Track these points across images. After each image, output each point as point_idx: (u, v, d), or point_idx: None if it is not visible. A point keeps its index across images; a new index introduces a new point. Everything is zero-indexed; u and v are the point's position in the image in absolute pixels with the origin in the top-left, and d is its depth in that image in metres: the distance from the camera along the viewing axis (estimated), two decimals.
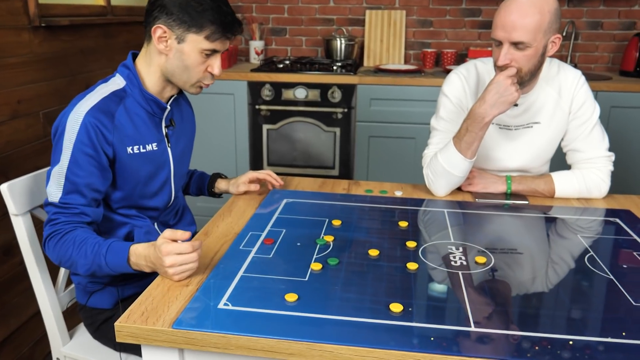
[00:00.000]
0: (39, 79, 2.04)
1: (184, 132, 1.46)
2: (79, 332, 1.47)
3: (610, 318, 0.98)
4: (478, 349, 0.88)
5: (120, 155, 1.26)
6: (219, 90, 2.91)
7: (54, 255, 1.20)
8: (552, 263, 1.20)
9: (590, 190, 1.58)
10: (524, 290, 1.08)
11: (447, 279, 1.11)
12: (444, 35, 3.28)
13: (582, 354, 0.87)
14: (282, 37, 3.42)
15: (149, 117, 1.32)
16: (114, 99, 1.26)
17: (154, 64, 1.29)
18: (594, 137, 1.59)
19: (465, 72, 1.63)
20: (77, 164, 1.20)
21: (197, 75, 1.30)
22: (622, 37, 3.13)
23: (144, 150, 1.30)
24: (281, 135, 2.97)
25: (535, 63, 1.46)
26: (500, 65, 1.45)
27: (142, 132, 1.30)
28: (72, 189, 1.20)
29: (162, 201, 1.40)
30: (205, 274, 1.12)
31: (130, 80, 1.30)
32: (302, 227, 1.35)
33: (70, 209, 1.20)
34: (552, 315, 0.99)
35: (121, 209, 1.33)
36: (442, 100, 1.65)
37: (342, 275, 1.12)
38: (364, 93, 2.84)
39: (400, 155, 2.91)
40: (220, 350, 0.92)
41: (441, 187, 1.57)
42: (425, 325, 0.94)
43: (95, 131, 1.20)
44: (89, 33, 2.36)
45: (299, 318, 0.96)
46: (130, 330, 0.95)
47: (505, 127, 1.62)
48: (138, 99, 1.30)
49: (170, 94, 1.36)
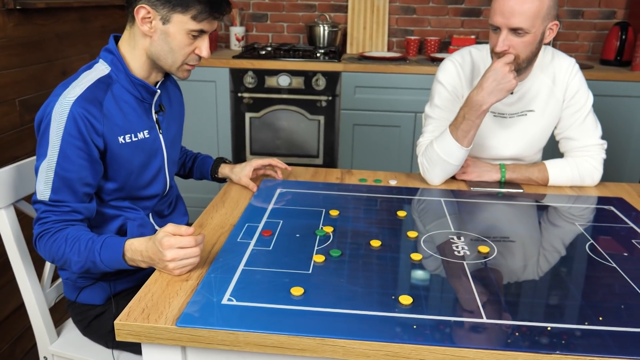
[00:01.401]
0: (13, 64, 1.95)
1: (174, 117, 1.40)
2: (67, 329, 1.41)
3: (616, 306, 0.98)
4: (493, 339, 0.87)
5: (112, 146, 1.20)
6: (200, 78, 2.84)
7: (45, 254, 1.14)
8: (551, 252, 1.20)
9: (584, 178, 1.58)
10: (526, 279, 1.07)
11: (452, 270, 1.10)
12: (427, 22, 3.26)
13: (594, 342, 0.87)
14: (263, 23, 3.35)
15: (138, 104, 1.26)
16: (101, 86, 1.19)
17: (138, 47, 1.23)
18: (587, 125, 1.59)
19: (460, 59, 1.61)
20: (67, 158, 1.13)
21: (183, 57, 1.23)
22: (603, 26, 3.16)
23: (136, 139, 1.24)
24: (264, 124, 2.92)
25: (532, 50, 1.44)
26: (498, 52, 1.43)
27: (132, 120, 1.24)
28: (62, 185, 1.13)
29: (157, 190, 1.34)
30: (205, 268, 1.07)
31: (115, 65, 1.23)
32: (299, 218, 1.32)
33: (60, 207, 1.14)
34: (573, 306, 0.98)
35: (114, 201, 1.27)
36: (436, 88, 1.63)
37: (346, 267, 1.09)
38: (349, 81, 2.80)
39: (384, 143, 2.89)
40: (228, 347, 0.89)
41: (436, 176, 1.55)
42: (438, 318, 0.92)
43: (84, 122, 1.13)
44: (65, 17, 2.27)
45: (307, 312, 0.93)
46: (131, 328, 0.90)
47: (500, 115, 1.61)
48: (125, 85, 1.23)
49: (157, 79, 1.30)
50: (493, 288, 1.03)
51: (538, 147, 1.67)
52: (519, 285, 1.05)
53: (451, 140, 1.48)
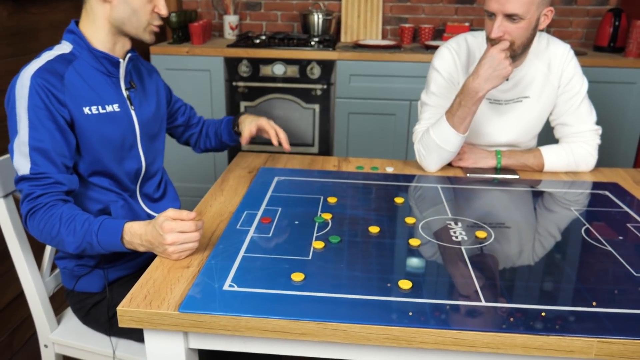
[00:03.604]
0: (7, 54, 1.93)
1: (149, 95, 1.40)
2: (66, 318, 1.42)
3: (614, 290, 1.00)
4: (491, 322, 0.88)
5: (77, 117, 1.20)
6: (194, 67, 2.83)
7: (36, 232, 1.14)
8: (548, 237, 1.21)
9: (579, 163, 1.59)
10: (524, 264, 1.09)
11: (450, 255, 1.11)
12: (421, 10, 3.25)
13: (589, 324, 0.88)
14: (256, 12, 3.34)
15: (105, 78, 1.27)
16: (62, 61, 1.21)
17: (98, 18, 1.24)
18: (582, 111, 1.61)
19: (456, 46, 1.62)
20: (36, 129, 1.13)
21: (146, 17, 1.25)
22: (596, 13, 3.16)
23: (104, 111, 1.25)
24: (259, 113, 2.91)
25: (528, 36, 1.45)
26: (493, 38, 1.44)
27: (100, 92, 1.25)
28: (39, 156, 1.13)
29: (132, 166, 1.33)
30: (205, 254, 1.08)
31: (76, 43, 1.24)
32: (297, 205, 1.33)
33: (43, 179, 1.13)
34: (568, 289, 1.00)
35: (92, 177, 1.26)
36: (432, 75, 1.63)
37: (346, 253, 1.10)
38: (344, 69, 2.80)
39: (380, 131, 2.89)
40: (230, 332, 0.90)
41: (433, 163, 1.56)
42: (437, 301, 0.94)
43: (44, 92, 1.14)
44: (59, 6, 2.25)
45: (308, 297, 0.94)
46: (133, 314, 0.91)
47: (495, 101, 1.62)
48: (88, 60, 1.24)
49: (124, 49, 1.31)
50: (490, 272, 1.04)
51: (533, 134, 1.68)
52: (515, 269, 1.07)
53: (447, 127, 1.49)
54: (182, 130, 1.62)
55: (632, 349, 0.86)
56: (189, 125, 1.61)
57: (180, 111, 1.59)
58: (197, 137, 1.63)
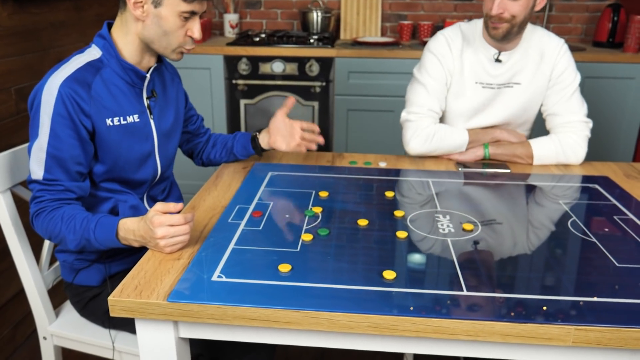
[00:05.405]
0: (9, 53, 1.97)
1: (169, 104, 1.42)
2: (65, 310, 1.45)
3: (595, 280, 1.01)
4: (471, 311, 0.90)
5: (100, 128, 1.23)
6: (194, 65, 2.86)
7: (42, 232, 1.19)
8: (534, 229, 1.23)
9: (567, 153, 1.61)
10: (508, 254, 1.10)
11: (436, 246, 1.13)
12: (420, 7, 3.27)
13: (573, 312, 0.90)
14: (256, 10, 3.36)
15: (129, 88, 1.29)
16: (90, 69, 1.22)
17: (130, 33, 1.25)
18: (573, 103, 1.63)
19: (452, 34, 1.68)
20: (57, 137, 1.16)
21: (178, 41, 1.26)
22: (595, 8, 3.17)
23: (125, 122, 1.27)
24: (259, 110, 2.94)
25: (526, 15, 1.51)
26: (493, 15, 1.48)
27: (122, 103, 1.27)
28: (54, 164, 1.17)
29: (146, 175, 1.37)
30: (196, 247, 1.11)
31: (106, 50, 1.26)
32: (289, 200, 1.35)
33: (54, 186, 1.17)
34: (553, 279, 1.02)
35: (104, 183, 1.30)
36: (426, 55, 1.70)
37: (333, 245, 1.12)
38: (342, 66, 2.82)
39: (379, 128, 2.91)
40: (217, 321, 0.92)
41: (420, 151, 1.64)
42: (419, 291, 0.96)
43: (71, 103, 1.17)
44: (59, 6, 2.28)
45: (294, 288, 0.97)
46: (124, 304, 0.94)
47: (488, 85, 1.65)
48: (116, 69, 1.26)
49: (150, 64, 1.32)
50: (473, 263, 1.06)
51: (524, 118, 1.72)
52: (498, 260, 1.09)
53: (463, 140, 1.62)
54: (188, 138, 1.61)
55: (609, 336, 0.87)
56: (196, 134, 1.61)
57: (192, 120, 1.59)
58: (203, 146, 1.62)
